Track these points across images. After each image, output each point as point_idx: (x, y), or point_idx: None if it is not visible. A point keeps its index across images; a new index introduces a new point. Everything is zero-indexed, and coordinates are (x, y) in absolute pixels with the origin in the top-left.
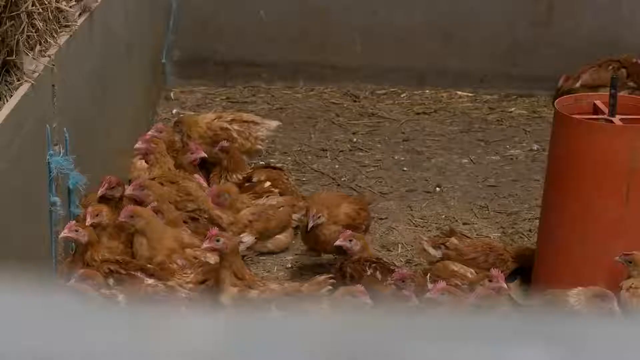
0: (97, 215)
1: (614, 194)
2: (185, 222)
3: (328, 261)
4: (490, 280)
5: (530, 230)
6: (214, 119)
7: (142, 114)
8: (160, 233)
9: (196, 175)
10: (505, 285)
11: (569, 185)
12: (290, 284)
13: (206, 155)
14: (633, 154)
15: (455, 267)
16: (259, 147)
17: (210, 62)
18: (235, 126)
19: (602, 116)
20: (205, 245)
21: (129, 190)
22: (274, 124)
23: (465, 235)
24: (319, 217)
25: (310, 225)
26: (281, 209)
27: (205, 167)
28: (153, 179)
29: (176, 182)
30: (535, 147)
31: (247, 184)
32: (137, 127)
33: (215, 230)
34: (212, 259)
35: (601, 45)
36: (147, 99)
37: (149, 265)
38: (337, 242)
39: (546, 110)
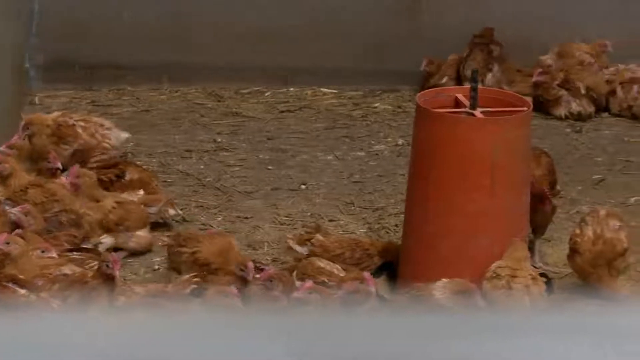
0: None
1: (477, 187)
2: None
3: None
4: (361, 282)
5: (396, 225)
6: (60, 117)
7: (5, 120)
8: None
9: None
10: (374, 290)
11: (433, 179)
12: (155, 286)
13: (61, 167)
14: (495, 146)
15: (322, 263)
16: (106, 145)
17: (75, 65)
18: (82, 123)
19: (464, 109)
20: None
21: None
22: (123, 135)
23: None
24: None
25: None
26: (140, 202)
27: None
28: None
29: (40, 185)
30: (400, 142)
31: (117, 179)
32: (1, 133)
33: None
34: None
35: (468, 39)
36: (11, 104)
37: (20, 277)
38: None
39: (411, 105)
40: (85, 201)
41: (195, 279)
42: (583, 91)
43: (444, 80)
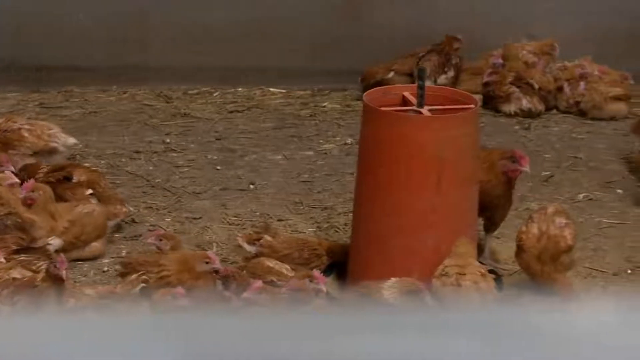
0: None
1: (425, 185)
2: None
3: None
4: (311, 281)
5: (345, 224)
6: (3, 122)
7: None
8: None
9: (7, 172)
10: (324, 288)
11: (380, 177)
12: (104, 287)
13: (14, 169)
14: (442, 144)
15: (271, 263)
16: (54, 144)
17: (23, 66)
18: (27, 125)
19: (411, 108)
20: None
21: None
22: (70, 140)
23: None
24: None
25: None
26: (96, 214)
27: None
28: None
29: None
30: (348, 140)
31: (65, 182)
32: None
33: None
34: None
35: (416, 37)
36: None
37: None
38: (148, 240)
39: (359, 104)
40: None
41: (144, 277)
42: (536, 86)
43: (390, 75)
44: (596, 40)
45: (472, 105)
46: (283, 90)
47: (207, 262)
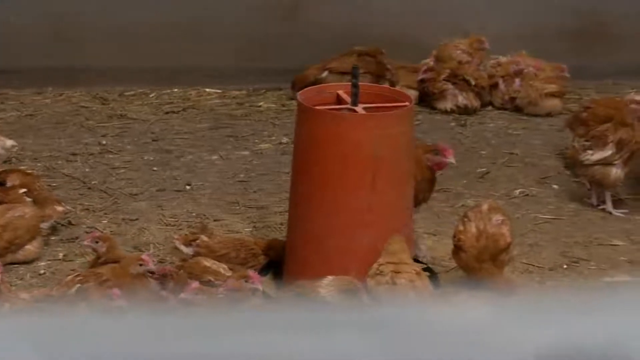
0: None
1: (360, 183)
2: None
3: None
4: (247, 281)
5: (281, 224)
6: None
7: None
8: None
9: None
10: (260, 288)
11: (315, 176)
12: (41, 291)
13: None
14: (376, 142)
15: (208, 263)
16: None
17: None
18: None
19: (345, 106)
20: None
21: None
22: (8, 142)
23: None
24: None
25: None
26: (28, 216)
27: None
28: None
29: None
30: (284, 140)
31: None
32: None
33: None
34: None
35: (351, 36)
36: None
37: None
38: (84, 242)
39: (294, 103)
40: None
41: (79, 279)
42: (473, 82)
43: (324, 74)
44: (529, 36)
45: (407, 103)
46: (218, 91)
47: (141, 265)
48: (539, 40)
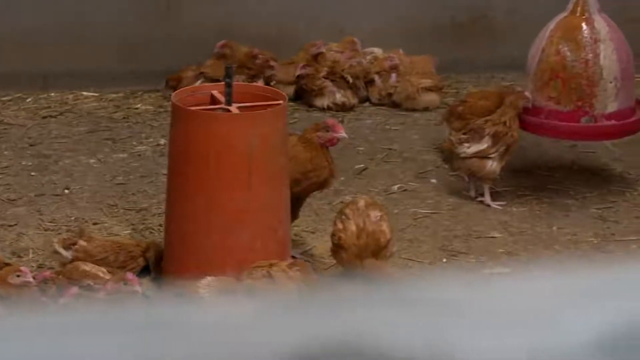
0: None
1: (235, 183)
2: None
3: None
4: (125, 283)
5: (160, 225)
6: None
7: None
8: None
9: None
10: (139, 289)
11: (191, 177)
12: None
13: None
14: (250, 140)
15: (87, 267)
16: None
17: None
18: None
19: (220, 106)
20: None
21: None
22: None
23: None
24: None
25: None
26: None
27: None
28: None
29: None
30: (162, 141)
31: None
32: None
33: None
34: None
35: (226, 37)
36: None
37: None
38: None
39: None
40: None
41: None
42: (350, 80)
43: (199, 82)
44: (406, 32)
45: (281, 102)
46: (96, 94)
47: (18, 276)
48: (416, 37)
